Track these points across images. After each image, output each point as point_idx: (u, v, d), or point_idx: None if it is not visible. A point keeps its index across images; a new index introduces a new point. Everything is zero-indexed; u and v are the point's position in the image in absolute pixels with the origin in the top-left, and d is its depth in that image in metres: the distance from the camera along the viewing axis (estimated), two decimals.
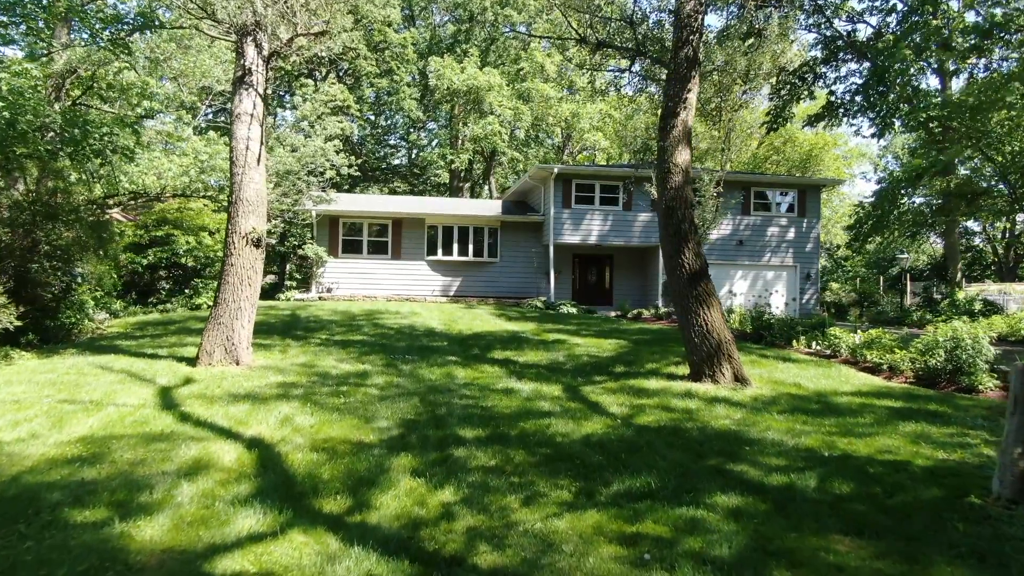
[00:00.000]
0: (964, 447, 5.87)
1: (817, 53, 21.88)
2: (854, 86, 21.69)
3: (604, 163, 33.52)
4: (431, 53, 33.73)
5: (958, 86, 23.84)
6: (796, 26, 19.17)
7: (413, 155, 39.43)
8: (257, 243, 8.95)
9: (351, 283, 20.79)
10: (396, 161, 39.90)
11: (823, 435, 6.17)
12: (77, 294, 11.72)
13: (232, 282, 8.77)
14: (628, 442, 5.82)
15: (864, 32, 35.46)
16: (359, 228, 21.09)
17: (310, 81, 25.28)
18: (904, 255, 26.07)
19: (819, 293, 22.50)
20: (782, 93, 21.65)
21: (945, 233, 27.06)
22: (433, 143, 38.37)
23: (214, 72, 19.04)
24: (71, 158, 11.78)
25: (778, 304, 21.16)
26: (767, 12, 14.10)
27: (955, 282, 23.98)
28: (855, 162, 44.28)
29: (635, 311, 18.19)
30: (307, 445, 5.44)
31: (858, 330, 11.97)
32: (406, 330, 12.61)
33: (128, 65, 13.82)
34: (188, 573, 3.41)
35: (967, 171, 24.70)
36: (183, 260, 16.09)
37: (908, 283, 27.12)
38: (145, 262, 15.83)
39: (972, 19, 20.45)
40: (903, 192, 24.62)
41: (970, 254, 34.81)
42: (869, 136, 44.45)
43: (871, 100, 20.35)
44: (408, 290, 21.04)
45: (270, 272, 22.91)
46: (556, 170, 20.01)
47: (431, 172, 37.65)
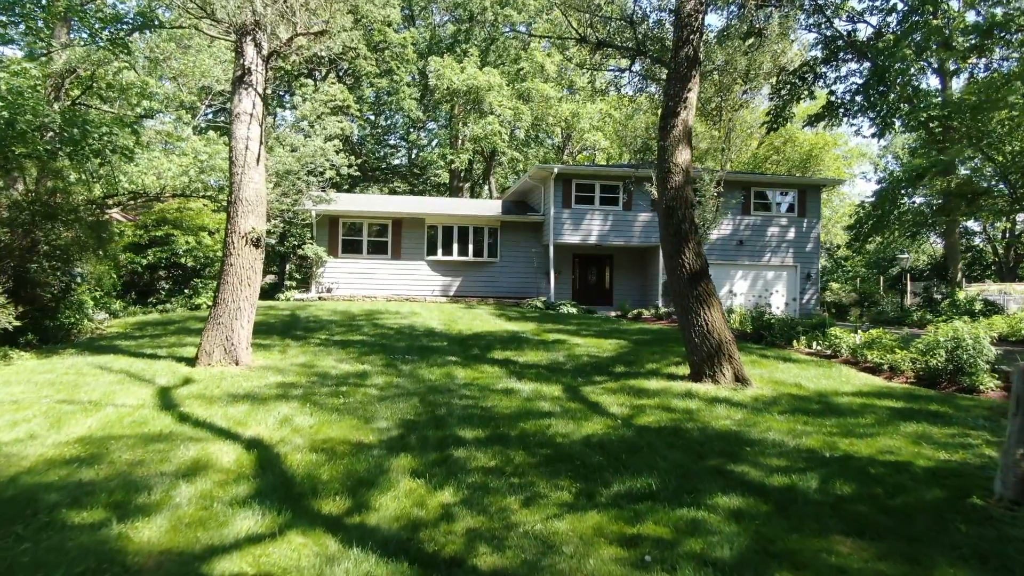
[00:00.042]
0: (966, 448, 5.85)
1: (817, 53, 21.90)
2: (854, 86, 21.72)
3: (604, 163, 33.52)
4: (431, 53, 33.70)
5: (958, 86, 23.83)
6: (796, 26, 19.20)
7: (413, 155, 39.42)
8: (256, 243, 8.94)
9: (351, 283, 20.77)
10: (396, 161, 39.89)
11: (824, 436, 6.16)
12: (76, 294, 11.70)
13: (231, 282, 8.76)
14: (628, 443, 5.80)
15: (864, 32, 35.46)
16: (359, 228, 21.07)
17: (310, 81, 25.25)
18: (904, 255, 26.07)
19: (819, 293, 22.48)
20: (782, 93, 21.68)
21: (945, 233, 27.03)
22: (433, 143, 38.37)
23: (214, 72, 19.05)
24: (70, 158, 11.77)
25: (778, 304, 21.15)
26: (767, 12, 14.11)
27: (955, 282, 23.95)
28: (855, 162, 44.28)
29: (635, 311, 18.17)
30: (306, 446, 5.42)
31: (858, 330, 11.94)
32: (406, 330, 12.59)
33: (128, 65, 13.81)
34: (186, 575, 3.39)
35: (967, 171, 24.68)
36: (183, 260, 16.08)
37: (908, 283, 27.10)
38: (145, 262, 15.82)
39: (972, 19, 20.50)
40: (903, 192, 24.62)
41: (970, 254, 34.79)
42: (869, 136, 44.64)
43: (871, 100, 20.37)
44: (408, 290, 21.02)
45: (270, 272, 22.91)
46: (556, 170, 19.99)
47: (431, 172, 37.65)
